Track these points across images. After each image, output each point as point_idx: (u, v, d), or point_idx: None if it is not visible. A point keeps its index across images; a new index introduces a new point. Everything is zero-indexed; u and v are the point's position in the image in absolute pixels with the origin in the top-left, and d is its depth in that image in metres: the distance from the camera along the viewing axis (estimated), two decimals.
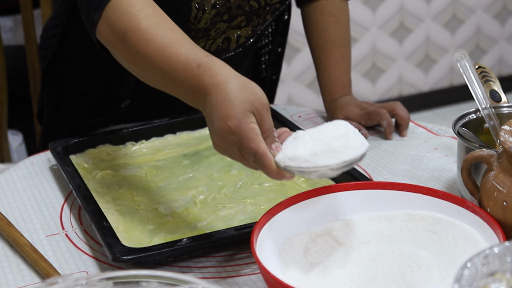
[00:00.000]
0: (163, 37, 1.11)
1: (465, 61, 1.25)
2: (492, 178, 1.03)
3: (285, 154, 1.00)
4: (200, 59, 1.07)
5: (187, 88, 1.08)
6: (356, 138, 0.99)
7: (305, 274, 1.00)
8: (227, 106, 1.01)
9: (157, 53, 1.11)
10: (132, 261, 1.08)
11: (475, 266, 0.83)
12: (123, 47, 1.15)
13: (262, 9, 1.49)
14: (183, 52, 1.09)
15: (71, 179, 1.31)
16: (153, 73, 1.13)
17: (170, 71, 1.09)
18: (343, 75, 1.61)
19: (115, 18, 1.16)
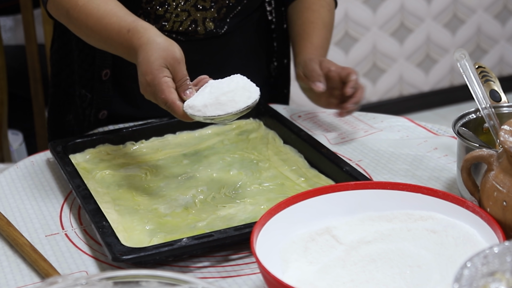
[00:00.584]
0: (98, 10, 1.31)
1: (465, 61, 1.25)
2: (492, 178, 1.03)
3: (187, 102, 1.20)
4: (129, 24, 1.28)
5: (123, 51, 1.29)
6: (244, 93, 1.18)
7: (305, 274, 1.00)
8: (146, 63, 1.21)
9: (95, 25, 1.31)
10: (132, 261, 1.08)
11: (475, 266, 0.83)
12: (69, 22, 1.36)
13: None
14: (115, 21, 1.29)
15: (71, 179, 1.31)
16: (96, 41, 1.34)
17: (108, 39, 1.30)
18: (325, 47, 1.64)
19: (58, 1, 1.36)
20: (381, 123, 1.57)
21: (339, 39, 3.59)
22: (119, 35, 1.28)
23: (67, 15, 1.35)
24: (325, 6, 1.66)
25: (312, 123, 1.59)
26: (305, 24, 1.63)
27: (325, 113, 1.64)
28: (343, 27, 3.58)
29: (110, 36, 1.30)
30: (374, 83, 3.74)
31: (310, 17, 1.63)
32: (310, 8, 1.64)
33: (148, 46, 1.22)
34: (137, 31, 1.26)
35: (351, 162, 1.40)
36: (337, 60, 3.60)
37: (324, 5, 1.66)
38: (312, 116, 1.63)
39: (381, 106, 3.72)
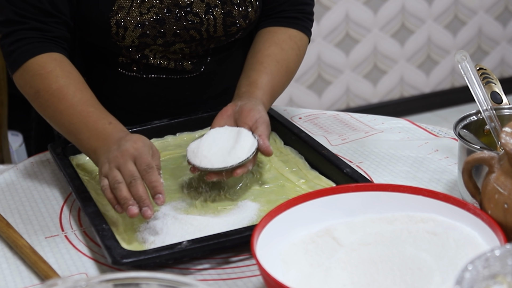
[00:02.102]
0: (73, 97, 1.32)
1: (466, 63, 1.25)
2: (493, 180, 1.02)
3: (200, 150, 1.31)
4: (111, 118, 1.31)
5: (95, 139, 1.28)
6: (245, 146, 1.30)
7: (306, 276, 1.00)
8: (136, 143, 1.23)
9: (67, 109, 1.31)
10: (132, 264, 1.08)
11: (476, 269, 0.82)
12: (35, 101, 1.36)
13: (206, 40, 1.50)
14: (93, 112, 1.31)
15: (70, 181, 1.30)
16: (60, 124, 1.33)
17: (78, 123, 1.30)
18: (275, 95, 1.48)
19: (28, 78, 1.36)
20: (382, 124, 1.57)
21: (340, 40, 3.59)
22: (96, 123, 1.29)
23: (35, 95, 1.35)
24: (295, 49, 1.52)
25: (312, 125, 1.59)
26: (269, 57, 1.48)
27: (325, 114, 1.64)
28: (344, 28, 3.58)
29: (83, 122, 1.30)
30: (374, 85, 3.74)
31: (277, 55, 1.48)
32: (280, 45, 1.50)
33: (136, 138, 1.24)
34: (120, 126, 1.31)
35: (351, 163, 1.40)
36: (338, 61, 3.61)
37: (294, 47, 1.51)
38: (313, 118, 1.63)
39: (382, 108, 3.72)
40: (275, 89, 1.46)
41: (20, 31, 1.39)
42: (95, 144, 1.27)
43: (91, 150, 1.28)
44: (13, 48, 1.38)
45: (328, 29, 3.55)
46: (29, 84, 1.37)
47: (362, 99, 3.74)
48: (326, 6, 3.50)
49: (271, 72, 1.46)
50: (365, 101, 3.75)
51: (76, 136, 1.31)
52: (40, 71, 1.35)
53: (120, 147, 1.22)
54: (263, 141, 1.30)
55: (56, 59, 1.38)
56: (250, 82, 1.44)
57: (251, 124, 1.33)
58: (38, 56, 1.37)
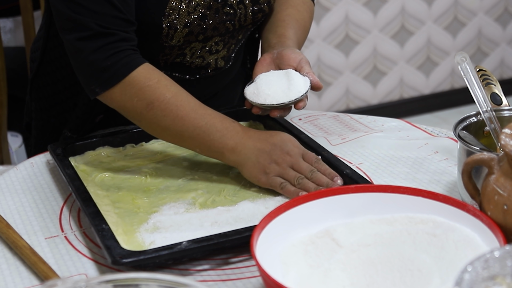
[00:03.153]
0: (189, 103, 1.33)
1: (466, 64, 1.25)
2: (493, 182, 1.02)
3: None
4: (227, 117, 1.34)
5: (225, 136, 1.32)
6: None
7: (305, 277, 1.00)
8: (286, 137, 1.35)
9: (188, 115, 1.32)
10: (132, 264, 1.08)
11: (476, 270, 0.82)
12: (148, 113, 1.32)
13: (237, 31, 1.54)
14: (212, 112, 1.34)
15: (70, 181, 1.30)
16: (181, 131, 1.32)
17: (205, 125, 1.31)
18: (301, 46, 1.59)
19: (135, 91, 1.32)
20: (382, 126, 1.57)
21: (339, 42, 3.59)
22: (223, 122, 1.33)
23: (148, 107, 1.31)
24: (308, 12, 1.63)
25: (312, 126, 1.59)
26: (289, 18, 1.57)
27: (325, 115, 1.64)
28: (344, 30, 3.58)
29: (210, 123, 1.32)
30: (374, 86, 3.74)
31: (295, 15, 1.59)
32: (296, 7, 1.60)
33: (287, 137, 1.34)
34: (239, 124, 1.36)
35: (351, 165, 1.40)
36: (338, 62, 3.61)
37: (307, 10, 1.62)
38: (313, 119, 1.63)
39: (382, 109, 3.72)
40: (299, 41, 1.56)
41: (113, 44, 1.33)
42: (231, 142, 1.32)
43: (227, 148, 1.32)
44: (110, 63, 1.32)
45: (328, 30, 3.55)
46: (138, 97, 1.32)
47: (361, 101, 3.74)
48: (326, 7, 3.50)
49: (294, 27, 1.55)
50: (365, 102, 3.75)
51: (205, 139, 1.32)
52: (149, 83, 1.32)
53: (282, 148, 1.31)
54: (312, 77, 1.39)
55: (154, 70, 1.35)
56: (278, 35, 1.53)
57: (295, 65, 1.41)
58: (139, 67, 1.33)
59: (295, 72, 1.40)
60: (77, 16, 1.33)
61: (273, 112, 1.38)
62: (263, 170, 1.30)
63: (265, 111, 1.38)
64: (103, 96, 1.35)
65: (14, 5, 2.46)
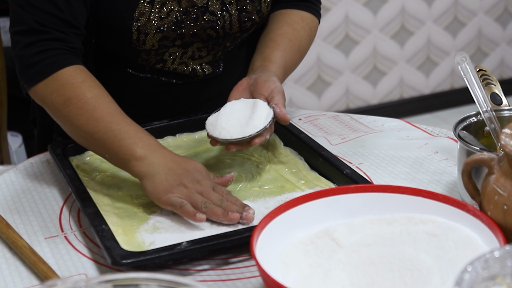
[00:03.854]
0: (108, 107, 1.30)
1: (466, 64, 1.25)
2: (493, 182, 1.02)
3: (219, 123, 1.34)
4: (147, 132, 1.30)
5: (135, 143, 1.27)
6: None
7: (305, 277, 1.00)
8: (193, 162, 1.29)
9: (104, 117, 1.28)
10: (132, 265, 1.08)
11: (476, 270, 0.82)
12: (64, 109, 1.31)
13: (222, 38, 1.50)
14: (131, 122, 1.30)
15: (70, 181, 1.30)
16: (93, 132, 1.29)
17: (117, 130, 1.27)
18: (289, 71, 1.53)
19: (56, 87, 1.31)
20: (382, 125, 1.57)
21: (339, 42, 3.59)
22: (138, 132, 1.29)
23: (65, 103, 1.30)
24: (307, 30, 1.56)
25: (312, 126, 1.59)
26: (282, 36, 1.52)
27: (325, 116, 1.64)
28: (344, 30, 3.58)
29: (124, 129, 1.28)
30: (374, 86, 3.74)
31: (289, 34, 1.52)
32: (292, 25, 1.54)
33: (200, 168, 1.28)
34: (157, 141, 1.31)
35: (351, 165, 1.40)
36: (338, 62, 3.61)
37: (306, 28, 1.56)
38: (313, 119, 1.63)
39: (381, 109, 3.72)
40: (287, 64, 1.50)
41: (44, 42, 1.33)
42: (140, 151, 1.26)
43: (135, 156, 1.26)
44: (37, 59, 1.33)
45: (328, 30, 3.55)
46: (58, 92, 1.31)
47: (361, 100, 3.74)
48: (326, 7, 3.50)
49: (284, 49, 1.50)
50: (365, 102, 3.75)
51: (115, 143, 1.28)
52: (72, 81, 1.32)
53: (194, 176, 1.25)
54: (279, 109, 1.34)
55: (84, 71, 1.34)
56: (264, 57, 1.48)
57: (266, 94, 1.37)
58: (67, 67, 1.32)
59: (262, 103, 1.34)
60: (19, 10, 1.35)
61: (228, 146, 1.32)
62: (169, 189, 1.23)
63: (223, 143, 1.33)
64: (30, 92, 1.35)
65: None
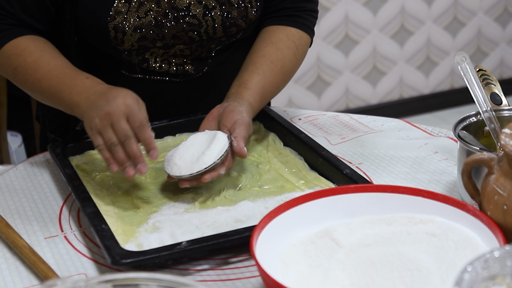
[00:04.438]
0: (48, 65, 1.38)
1: (465, 64, 1.25)
2: (493, 182, 1.02)
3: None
4: (86, 74, 1.35)
5: (72, 92, 1.32)
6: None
7: (305, 277, 1.00)
8: (127, 94, 1.27)
9: (44, 76, 1.37)
10: (131, 265, 1.08)
11: (476, 270, 0.82)
12: (15, 79, 1.43)
13: (206, 41, 1.50)
14: (69, 71, 1.37)
15: (70, 181, 1.30)
16: (40, 92, 1.39)
17: (57, 84, 1.35)
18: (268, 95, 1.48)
19: (4, 59, 1.43)
20: (381, 125, 1.57)
21: (339, 42, 3.59)
22: (74, 79, 1.34)
23: (14, 72, 1.42)
24: (292, 48, 1.50)
25: (312, 126, 1.59)
26: (263, 57, 1.48)
27: (325, 115, 1.64)
28: (343, 29, 3.58)
29: (61, 82, 1.35)
30: (374, 86, 3.74)
31: (271, 55, 1.48)
32: (276, 45, 1.49)
33: (124, 93, 1.26)
34: (98, 79, 1.34)
35: (351, 165, 1.40)
36: (337, 62, 3.61)
37: (291, 46, 1.50)
38: (313, 119, 1.63)
39: (381, 109, 3.72)
40: (266, 88, 1.45)
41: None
42: (76, 98, 1.32)
43: (74, 104, 1.32)
44: None
45: (328, 30, 3.55)
46: (7, 64, 1.42)
47: (361, 100, 3.74)
48: (325, 7, 3.50)
49: (263, 72, 1.45)
50: (365, 102, 3.75)
51: (57, 96, 1.36)
52: (15, 51, 1.41)
53: (110, 103, 1.24)
54: (237, 143, 1.30)
55: (29, 38, 1.43)
56: (240, 82, 1.44)
57: (229, 126, 1.34)
58: (12, 40, 1.42)
59: (221, 136, 1.31)
60: None
61: (180, 182, 1.29)
62: (89, 124, 1.27)
63: (176, 180, 1.30)
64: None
65: None
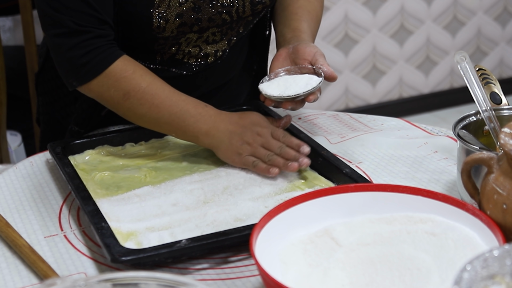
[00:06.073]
0: (163, 91, 1.39)
1: (465, 63, 1.25)
2: (492, 181, 1.02)
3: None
4: (202, 103, 1.40)
5: (199, 121, 1.38)
6: None
7: (305, 276, 1.00)
8: (255, 115, 1.42)
9: (163, 102, 1.38)
10: (131, 262, 1.08)
11: (475, 269, 0.82)
12: (125, 102, 1.39)
13: (235, 22, 1.53)
14: (186, 98, 1.40)
15: (70, 180, 1.30)
16: (157, 118, 1.39)
17: (179, 112, 1.38)
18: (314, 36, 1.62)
19: (112, 82, 1.39)
20: (381, 125, 1.57)
21: (339, 41, 3.59)
22: (197, 107, 1.39)
23: (125, 97, 1.38)
24: (319, 1, 1.65)
25: (312, 125, 1.59)
26: (302, 8, 1.61)
27: (324, 115, 1.64)
28: (343, 29, 3.58)
29: (184, 109, 1.38)
30: (373, 85, 3.74)
31: (307, 6, 1.61)
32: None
33: (255, 117, 1.41)
34: (213, 107, 1.41)
35: (351, 164, 1.40)
36: (337, 62, 3.61)
37: (320, 2, 1.65)
38: (313, 118, 1.63)
39: (381, 108, 3.72)
40: (313, 33, 1.59)
41: (88, 41, 1.38)
42: (204, 126, 1.38)
43: (201, 132, 1.38)
44: (86, 60, 1.38)
45: (327, 30, 3.55)
46: (115, 88, 1.39)
47: (361, 100, 3.74)
48: (325, 6, 3.48)
49: (307, 20, 1.58)
50: (364, 101, 3.75)
51: (180, 124, 1.39)
52: (125, 74, 1.38)
53: (252, 129, 1.38)
54: (327, 68, 1.44)
55: (131, 60, 1.41)
56: (292, 28, 1.56)
57: (310, 58, 1.45)
58: (115, 61, 1.39)
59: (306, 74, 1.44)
60: (55, 13, 1.39)
61: (284, 104, 1.41)
62: (236, 151, 1.37)
63: (278, 103, 1.42)
64: (81, 88, 1.42)
65: (14, 3, 2.46)
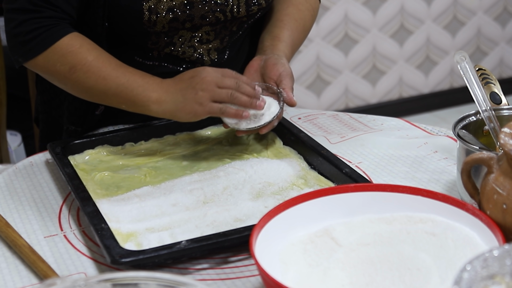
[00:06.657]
0: (110, 63, 1.40)
1: (465, 63, 1.25)
2: (492, 181, 1.02)
3: None
4: (149, 74, 1.40)
5: (148, 89, 1.37)
6: None
7: (305, 276, 1.00)
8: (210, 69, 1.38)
9: (110, 74, 1.38)
10: (131, 264, 1.08)
11: (475, 269, 0.82)
12: (72, 76, 1.40)
13: (229, 22, 1.53)
14: (133, 70, 1.40)
15: (69, 180, 1.30)
16: (105, 90, 1.40)
17: (126, 82, 1.38)
18: (295, 48, 1.61)
19: (58, 57, 1.40)
20: (381, 125, 1.57)
21: (339, 41, 3.59)
22: (144, 77, 1.39)
23: (72, 70, 1.39)
24: (310, 10, 1.64)
25: (312, 125, 1.59)
26: (288, 18, 1.59)
27: (324, 115, 1.64)
28: (343, 29, 3.58)
29: (131, 79, 1.38)
30: (373, 85, 3.74)
31: (295, 14, 1.60)
32: (297, 6, 1.62)
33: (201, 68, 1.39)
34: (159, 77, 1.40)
35: (351, 164, 1.40)
36: (337, 61, 3.62)
37: (309, 9, 1.64)
38: (312, 118, 1.63)
39: (381, 108, 3.72)
40: (295, 42, 1.58)
41: (36, 19, 1.41)
42: (154, 94, 1.37)
43: (152, 100, 1.37)
44: (31, 36, 1.40)
45: (327, 30, 3.55)
46: (60, 62, 1.40)
47: (361, 100, 3.74)
48: (325, 6, 3.50)
49: (291, 28, 1.58)
50: (364, 101, 3.75)
51: (128, 94, 1.38)
52: (71, 49, 1.40)
53: (200, 76, 1.36)
54: (286, 94, 1.43)
55: (79, 36, 1.42)
56: (273, 36, 1.56)
57: (275, 78, 1.45)
58: (63, 38, 1.41)
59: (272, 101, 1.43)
60: None
61: (239, 132, 1.42)
62: (195, 102, 1.35)
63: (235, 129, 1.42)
64: (27, 64, 1.44)
65: None
